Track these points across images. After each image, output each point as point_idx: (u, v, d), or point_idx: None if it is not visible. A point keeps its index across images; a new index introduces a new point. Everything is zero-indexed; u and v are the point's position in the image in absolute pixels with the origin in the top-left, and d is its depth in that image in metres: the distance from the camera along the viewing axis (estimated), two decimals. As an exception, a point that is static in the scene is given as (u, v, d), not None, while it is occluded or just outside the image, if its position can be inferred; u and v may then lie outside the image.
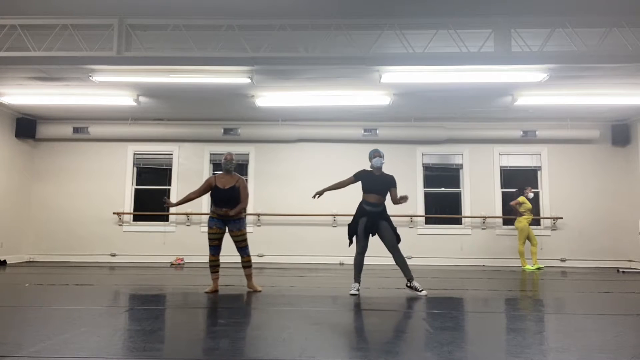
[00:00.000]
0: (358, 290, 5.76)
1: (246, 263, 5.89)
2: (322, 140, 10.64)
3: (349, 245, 5.99)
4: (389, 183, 5.88)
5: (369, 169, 5.98)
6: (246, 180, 10.22)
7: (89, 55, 6.60)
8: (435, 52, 6.53)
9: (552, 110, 9.56)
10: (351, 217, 5.98)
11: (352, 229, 5.89)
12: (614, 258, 10.10)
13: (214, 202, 5.82)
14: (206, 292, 5.75)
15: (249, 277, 5.93)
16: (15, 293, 5.87)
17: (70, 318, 4.16)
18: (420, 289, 5.71)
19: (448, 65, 6.71)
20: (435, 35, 6.37)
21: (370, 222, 5.76)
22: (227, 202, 5.73)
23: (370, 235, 5.84)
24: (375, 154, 5.91)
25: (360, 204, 5.92)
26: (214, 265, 5.87)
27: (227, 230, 5.83)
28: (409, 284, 5.80)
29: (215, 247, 5.82)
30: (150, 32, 6.64)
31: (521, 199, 9.59)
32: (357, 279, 5.85)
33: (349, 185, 5.95)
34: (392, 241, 5.74)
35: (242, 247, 5.85)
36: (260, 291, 5.84)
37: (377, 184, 5.82)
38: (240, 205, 5.79)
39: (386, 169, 6.09)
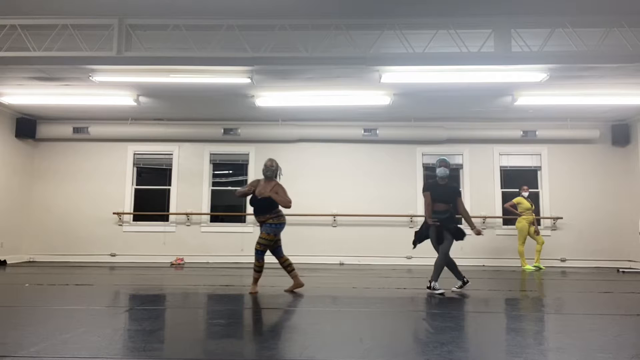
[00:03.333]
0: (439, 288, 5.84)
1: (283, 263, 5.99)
2: (322, 140, 10.64)
3: (413, 248, 6.18)
4: (454, 192, 6.13)
5: (434, 178, 6.18)
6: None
7: (89, 55, 6.59)
8: (435, 52, 6.53)
9: (552, 110, 9.55)
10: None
11: (420, 237, 6.06)
12: (614, 258, 10.09)
13: (253, 209, 5.95)
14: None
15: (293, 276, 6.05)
16: (15, 293, 5.87)
17: (70, 318, 4.16)
18: (438, 289, 5.82)
19: (448, 65, 6.70)
20: (435, 35, 6.37)
21: (439, 229, 5.89)
22: (257, 211, 5.86)
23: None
24: (441, 164, 6.11)
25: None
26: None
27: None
28: (430, 285, 5.93)
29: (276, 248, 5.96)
30: (150, 32, 6.63)
31: (516, 200, 9.60)
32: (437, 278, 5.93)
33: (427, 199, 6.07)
34: (445, 248, 5.88)
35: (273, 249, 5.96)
36: (302, 285, 6.01)
37: (443, 193, 6.02)
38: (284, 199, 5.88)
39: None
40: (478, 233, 6.07)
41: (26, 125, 10.23)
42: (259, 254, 5.79)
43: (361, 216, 10.25)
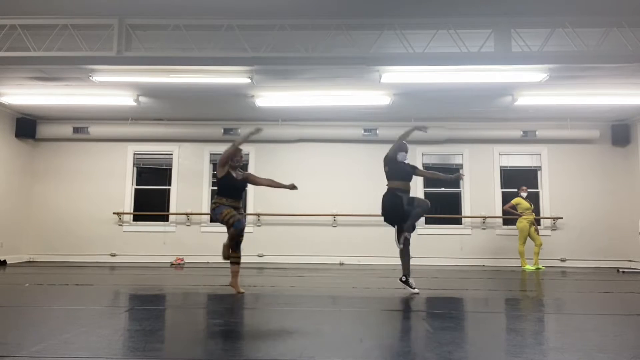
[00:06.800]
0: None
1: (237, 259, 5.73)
2: (322, 140, 10.63)
3: (400, 241, 5.92)
4: (411, 169, 6.13)
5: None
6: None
7: (89, 55, 6.60)
8: (435, 52, 6.53)
9: (552, 110, 9.55)
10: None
11: (398, 216, 5.90)
12: (614, 258, 10.09)
13: (229, 191, 5.60)
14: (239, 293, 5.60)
15: (235, 274, 5.70)
16: (15, 293, 5.87)
17: (70, 318, 4.16)
18: (413, 286, 5.78)
19: (448, 65, 6.71)
20: (435, 35, 6.37)
21: (405, 205, 5.86)
22: (240, 194, 5.77)
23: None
24: (402, 148, 6.08)
25: (394, 192, 5.96)
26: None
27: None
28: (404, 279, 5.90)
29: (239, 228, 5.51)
30: (150, 32, 6.64)
31: (514, 201, 9.59)
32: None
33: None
34: (412, 220, 5.88)
35: (239, 241, 5.70)
36: (243, 293, 5.62)
37: (402, 170, 6.02)
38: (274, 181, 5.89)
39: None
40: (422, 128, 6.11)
41: (26, 125, 10.23)
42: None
43: (361, 216, 10.25)
